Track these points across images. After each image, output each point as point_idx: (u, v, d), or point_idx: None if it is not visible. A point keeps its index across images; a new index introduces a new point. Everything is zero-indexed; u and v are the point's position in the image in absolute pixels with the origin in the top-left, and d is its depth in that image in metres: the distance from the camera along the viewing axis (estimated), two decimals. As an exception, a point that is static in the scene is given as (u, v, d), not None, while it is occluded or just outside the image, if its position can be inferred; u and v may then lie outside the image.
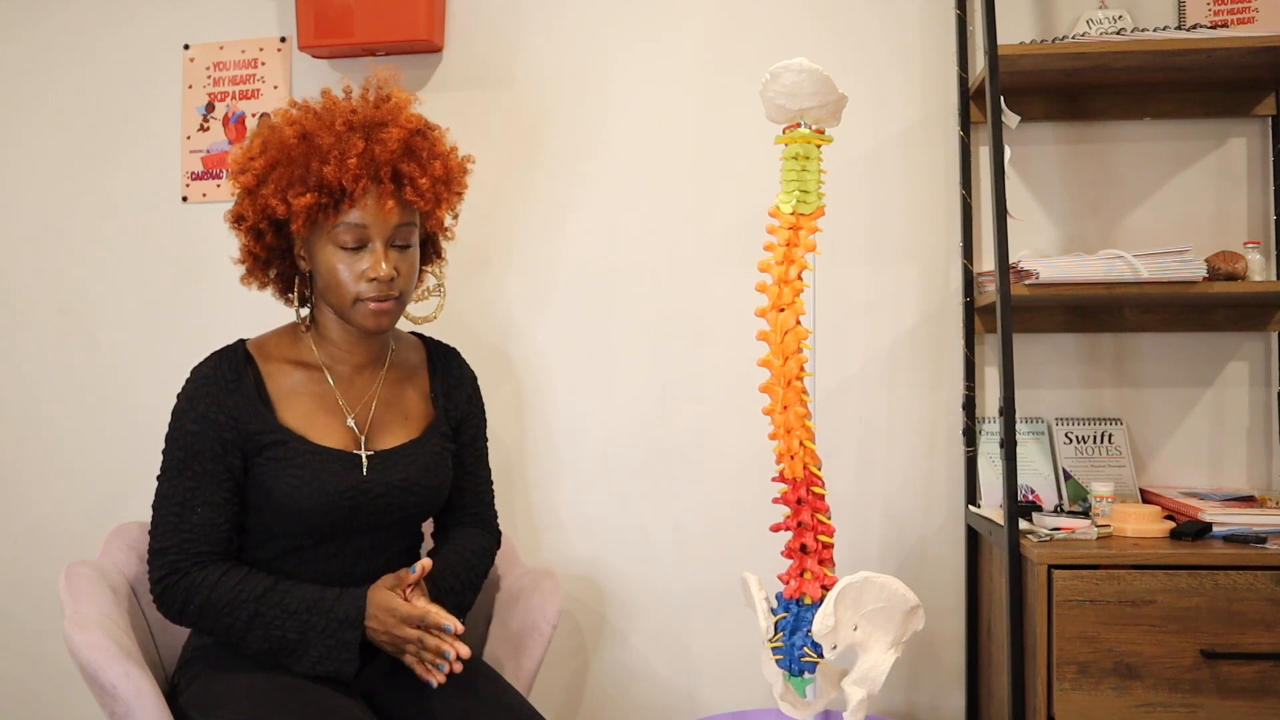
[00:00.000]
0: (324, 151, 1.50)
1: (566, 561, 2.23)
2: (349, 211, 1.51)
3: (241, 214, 1.57)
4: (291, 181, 1.50)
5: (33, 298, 2.39)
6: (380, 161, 1.51)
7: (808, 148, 1.60)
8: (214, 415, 1.52)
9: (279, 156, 1.52)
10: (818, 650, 1.56)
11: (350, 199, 1.51)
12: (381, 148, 1.51)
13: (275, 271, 1.65)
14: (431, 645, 1.48)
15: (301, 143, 1.52)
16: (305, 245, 1.58)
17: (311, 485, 1.52)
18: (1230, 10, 2.05)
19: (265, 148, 1.55)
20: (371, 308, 1.54)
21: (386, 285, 1.53)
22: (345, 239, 1.52)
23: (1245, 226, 2.09)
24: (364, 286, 1.53)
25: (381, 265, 1.52)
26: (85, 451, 2.35)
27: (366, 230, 1.52)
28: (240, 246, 1.62)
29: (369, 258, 1.53)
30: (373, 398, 1.64)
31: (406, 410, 1.66)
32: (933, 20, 2.16)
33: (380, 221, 1.52)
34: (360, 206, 1.51)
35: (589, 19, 2.25)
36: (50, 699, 2.34)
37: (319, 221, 1.53)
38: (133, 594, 1.72)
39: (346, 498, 1.54)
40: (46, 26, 2.39)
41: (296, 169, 1.51)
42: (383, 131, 1.53)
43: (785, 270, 1.59)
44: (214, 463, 1.51)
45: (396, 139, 1.52)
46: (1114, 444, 2.07)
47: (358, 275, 1.53)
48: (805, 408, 1.59)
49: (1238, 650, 1.64)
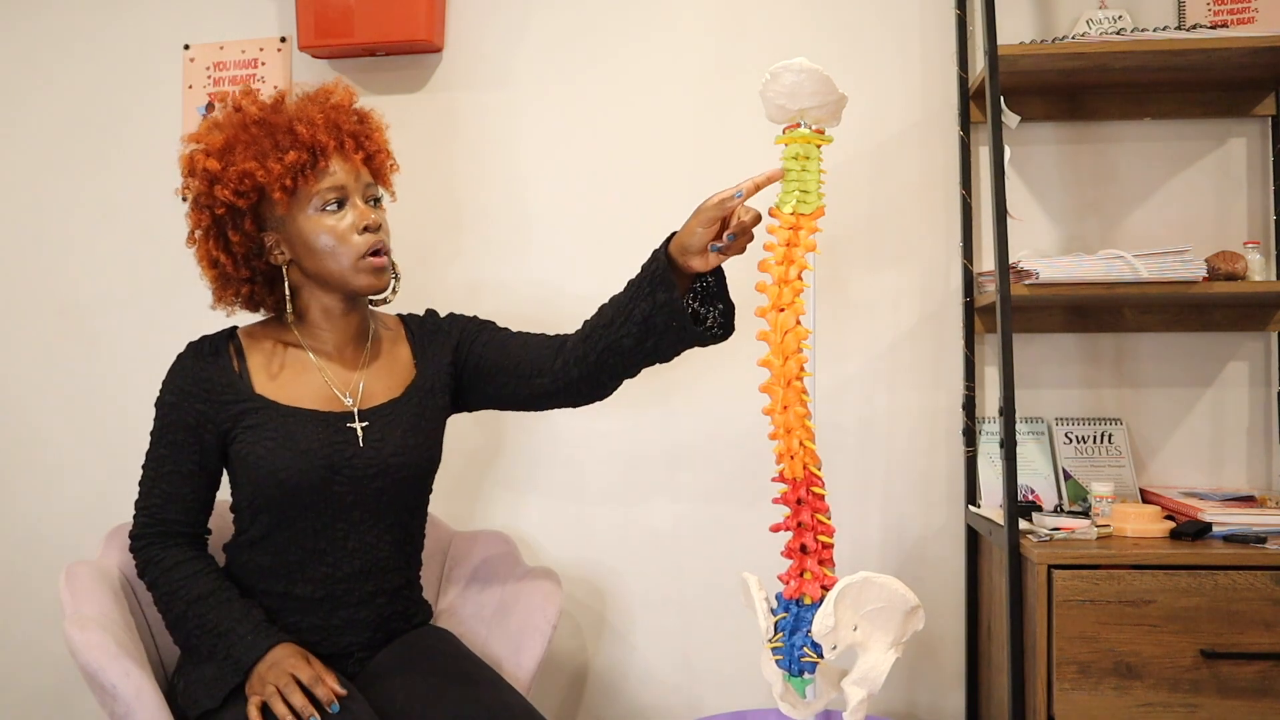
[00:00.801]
0: (285, 122, 1.57)
1: (566, 561, 2.23)
2: (324, 172, 1.57)
3: (211, 201, 1.56)
4: (265, 150, 1.55)
5: (32, 298, 2.39)
6: (341, 125, 1.59)
7: (808, 148, 1.60)
8: (189, 387, 1.59)
9: (239, 134, 1.57)
10: (818, 650, 1.56)
11: (324, 157, 1.57)
12: (337, 114, 1.60)
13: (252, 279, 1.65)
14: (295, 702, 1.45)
15: (259, 120, 1.58)
16: (281, 229, 1.59)
17: (286, 447, 1.55)
18: (1230, 10, 2.05)
19: (216, 128, 1.59)
20: (370, 263, 1.58)
21: (377, 234, 1.59)
22: (327, 199, 1.57)
23: (1245, 226, 2.09)
24: (358, 240, 1.57)
25: (369, 215, 1.59)
26: (85, 451, 2.35)
27: (344, 189, 1.58)
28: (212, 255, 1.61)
29: (353, 212, 1.59)
30: (356, 367, 1.67)
31: (389, 378, 1.69)
32: (933, 20, 2.16)
33: (354, 179, 1.60)
34: (333, 165, 1.58)
35: (588, 19, 2.25)
36: (50, 699, 2.34)
37: (298, 189, 1.56)
38: (133, 594, 1.72)
39: (321, 457, 1.55)
40: (46, 26, 2.39)
41: (265, 139, 1.56)
42: (331, 101, 1.63)
43: (785, 270, 1.59)
44: (186, 433, 1.58)
45: (346, 104, 1.64)
46: (1114, 444, 2.07)
47: (350, 229, 1.57)
48: (805, 408, 1.59)
49: (1237, 650, 1.64)
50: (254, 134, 1.56)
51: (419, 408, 1.67)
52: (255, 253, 1.63)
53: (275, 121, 1.57)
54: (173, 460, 1.58)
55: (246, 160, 1.54)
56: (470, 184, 2.26)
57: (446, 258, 2.27)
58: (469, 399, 1.74)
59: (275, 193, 1.54)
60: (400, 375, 1.70)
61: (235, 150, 1.56)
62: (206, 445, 1.59)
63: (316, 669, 1.49)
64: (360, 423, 1.61)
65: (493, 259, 2.27)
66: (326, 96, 1.64)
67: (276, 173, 1.53)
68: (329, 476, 1.56)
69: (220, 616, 1.53)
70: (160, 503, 1.59)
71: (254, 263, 1.64)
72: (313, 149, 1.56)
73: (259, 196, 1.57)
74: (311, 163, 1.56)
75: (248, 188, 1.55)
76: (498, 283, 2.27)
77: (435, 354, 1.72)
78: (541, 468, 2.25)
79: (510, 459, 2.26)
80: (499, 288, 2.27)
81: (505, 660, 1.75)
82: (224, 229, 1.60)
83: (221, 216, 1.58)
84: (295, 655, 1.50)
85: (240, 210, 1.58)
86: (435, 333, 1.75)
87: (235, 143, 1.56)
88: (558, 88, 2.26)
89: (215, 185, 1.55)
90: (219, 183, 1.55)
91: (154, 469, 1.60)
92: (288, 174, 1.54)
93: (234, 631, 1.51)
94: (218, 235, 1.61)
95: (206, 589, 1.55)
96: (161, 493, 1.59)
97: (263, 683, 1.47)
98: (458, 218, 2.27)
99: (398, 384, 1.68)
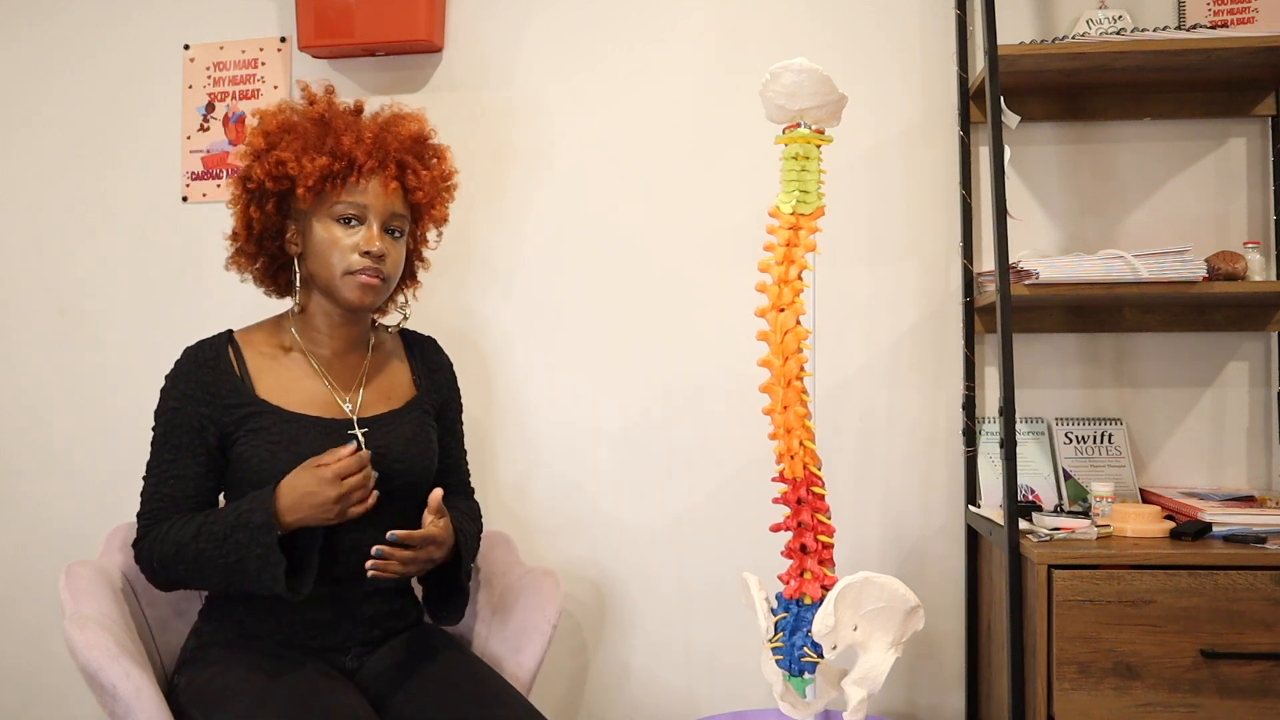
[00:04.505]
0: (340, 129, 1.62)
1: (566, 561, 2.23)
2: (354, 187, 1.60)
3: (248, 174, 1.64)
4: (307, 146, 1.60)
5: (33, 298, 2.39)
6: (389, 149, 1.63)
7: (808, 148, 1.60)
8: (191, 391, 1.59)
9: (297, 123, 1.63)
10: (818, 650, 1.56)
11: (358, 173, 1.60)
12: (392, 138, 1.64)
13: (264, 255, 1.70)
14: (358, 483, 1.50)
15: (320, 118, 1.64)
16: (300, 222, 1.64)
17: (290, 451, 1.55)
18: (1230, 10, 2.05)
19: (281, 111, 1.66)
20: (360, 280, 1.60)
21: (376, 261, 1.60)
22: (344, 213, 1.60)
23: (1245, 226, 2.09)
24: (354, 259, 1.60)
25: (375, 241, 1.60)
26: (85, 451, 2.35)
27: (365, 209, 1.61)
28: (237, 214, 1.67)
29: (363, 233, 1.61)
30: (355, 376, 1.69)
31: (389, 391, 1.71)
32: (933, 20, 2.16)
33: (381, 203, 1.62)
34: (365, 184, 1.61)
35: (588, 19, 2.25)
36: (50, 698, 2.34)
37: (324, 192, 1.60)
38: (133, 594, 1.72)
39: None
40: (46, 26, 2.39)
41: (313, 136, 1.61)
42: (395, 126, 1.67)
43: (785, 270, 1.59)
44: (189, 437, 1.58)
45: (407, 133, 1.67)
46: (1114, 444, 2.07)
47: (351, 248, 1.60)
48: (805, 408, 1.59)
49: (1237, 650, 1.64)
50: (307, 129, 1.62)
51: (418, 422, 1.71)
52: (273, 235, 1.67)
53: (332, 125, 1.62)
54: (177, 464, 1.58)
55: (288, 150, 1.60)
56: (470, 183, 2.26)
57: (446, 257, 2.27)
58: None
59: (301, 188, 1.58)
60: (399, 391, 1.73)
61: (286, 137, 1.61)
62: (210, 447, 1.59)
63: (328, 464, 1.49)
64: (360, 429, 1.62)
65: (492, 259, 2.27)
66: (389, 116, 1.68)
67: (307, 170, 1.58)
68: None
69: (221, 523, 1.51)
70: (164, 506, 1.58)
71: (269, 244, 1.68)
72: (350, 162, 1.59)
73: (290, 185, 1.61)
74: (345, 174, 1.60)
75: (280, 174, 1.60)
76: (497, 282, 2.27)
77: (434, 389, 1.78)
78: (541, 468, 2.25)
79: (510, 459, 2.26)
80: (499, 288, 2.27)
81: (505, 660, 1.75)
82: (251, 201, 1.64)
83: (252, 190, 1.64)
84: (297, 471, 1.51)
85: (269, 192, 1.62)
86: (437, 370, 1.81)
87: (289, 130, 1.62)
88: (557, 88, 2.26)
89: (258, 160, 1.62)
90: (259, 160, 1.62)
91: (158, 474, 1.59)
92: (316, 175, 1.58)
93: (238, 509, 1.51)
94: (245, 205, 1.66)
95: (198, 520, 1.54)
96: (165, 497, 1.58)
97: (312, 500, 1.48)
98: (457, 215, 2.27)
99: (397, 398, 1.72)
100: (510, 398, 2.26)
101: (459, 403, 1.85)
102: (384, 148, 1.62)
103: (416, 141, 1.68)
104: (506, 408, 2.26)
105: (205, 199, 2.33)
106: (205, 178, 2.33)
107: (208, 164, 2.33)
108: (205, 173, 2.33)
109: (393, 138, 1.64)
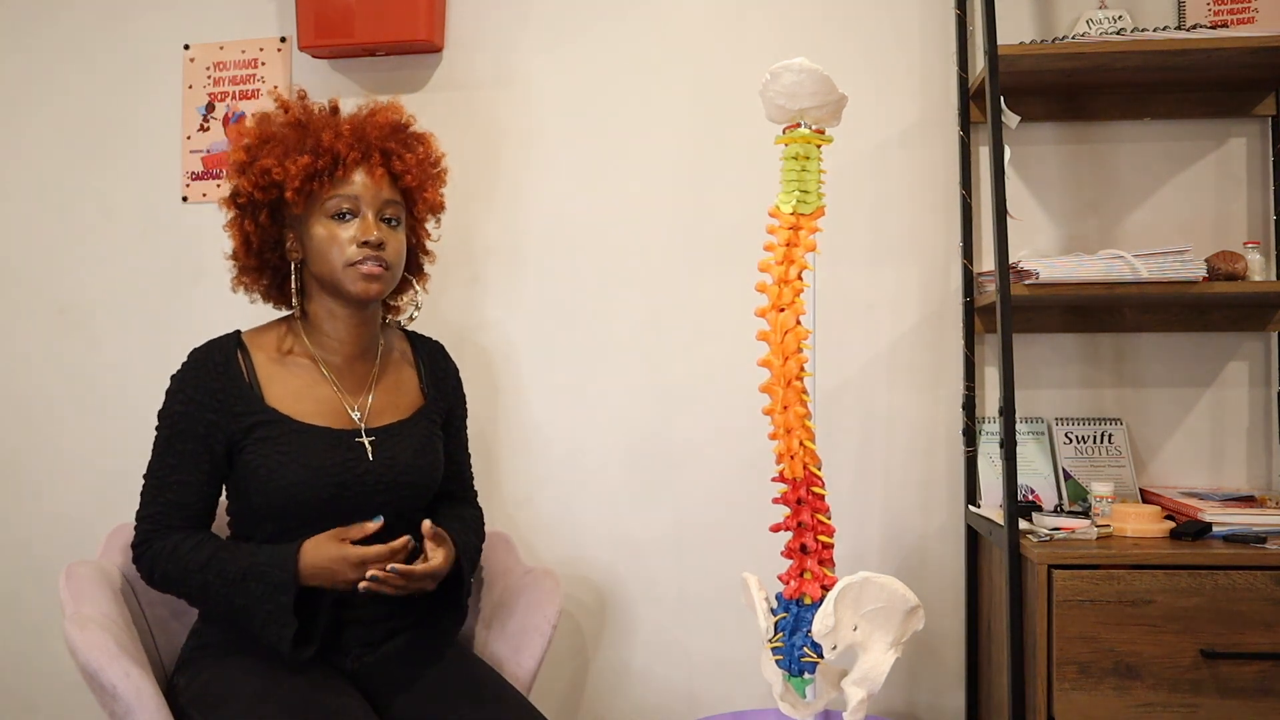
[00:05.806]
0: (318, 127, 1.62)
1: (566, 561, 2.23)
2: (341, 181, 1.60)
3: (237, 190, 1.64)
4: (288, 150, 1.60)
5: (33, 298, 2.39)
6: (370, 139, 1.63)
7: (808, 148, 1.60)
8: (199, 397, 1.57)
9: (275, 131, 1.63)
10: (818, 650, 1.56)
11: (343, 167, 1.60)
12: (372, 128, 1.64)
13: (268, 269, 1.69)
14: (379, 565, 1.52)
15: (297, 122, 1.64)
16: (298, 228, 1.63)
17: (299, 462, 1.55)
18: (1230, 10, 2.05)
19: (259, 123, 1.66)
20: (362, 270, 1.60)
21: (376, 249, 1.60)
22: (337, 208, 1.60)
23: (1245, 226, 2.09)
24: (353, 250, 1.59)
25: (373, 230, 1.60)
26: (85, 451, 2.35)
27: (357, 200, 1.61)
28: (232, 234, 1.67)
29: (359, 225, 1.61)
30: (364, 385, 1.67)
31: (397, 399, 1.70)
32: (933, 20, 2.16)
33: (371, 193, 1.62)
34: (352, 176, 1.61)
35: (588, 18, 2.25)
36: (51, 698, 2.34)
37: (314, 192, 1.60)
38: (133, 594, 1.72)
39: (332, 474, 1.56)
40: (47, 26, 2.39)
41: (292, 140, 1.61)
42: (373, 117, 1.67)
43: (785, 270, 1.59)
44: (195, 443, 1.57)
45: (386, 121, 1.66)
46: (1114, 444, 2.07)
47: (349, 240, 1.59)
48: (805, 408, 1.59)
49: (1237, 650, 1.64)
50: (286, 135, 1.62)
51: (426, 432, 1.70)
52: (273, 246, 1.67)
53: (309, 126, 1.62)
54: (181, 470, 1.57)
55: (270, 157, 1.59)
56: (470, 183, 2.26)
57: (447, 257, 2.27)
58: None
59: (289, 192, 1.58)
60: (408, 399, 1.72)
61: (266, 146, 1.61)
62: (216, 455, 1.57)
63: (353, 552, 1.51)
64: (368, 438, 1.62)
65: (492, 258, 2.27)
66: (367, 111, 1.68)
67: (292, 172, 1.58)
68: (338, 492, 1.56)
69: (236, 564, 1.51)
70: (164, 511, 1.57)
71: (269, 256, 1.67)
72: (333, 157, 1.59)
73: (279, 193, 1.60)
74: (330, 170, 1.59)
75: (266, 183, 1.59)
76: (497, 282, 2.27)
77: (440, 396, 1.77)
78: (541, 468, 2.25)
79: (510, 459, 2.26)
80: (498, 287, 2.27)
81: (505, 660, 1.75)
82: (244, 217, 1.64)
83: (244, 205, 1.64)
84: (326, 544, 1.52)
85: (259, 203, 1.62)
86: (445, 378, 1.80)
87: (268, 139, 1.62)
88: (557, 88, 2.26)
89: (242, 174, 1.62)
90: (245, 173, 1.62)
91: (159, 478, 1.58)
92: (302, 176, 1.58)
93: (255, 563, 1.51)
94: (239, 220, 1.66)
95: (210, 549, 1.54)
96: (166, 501, 1.57)
97: (332, 575, 1.50)
98: (458, 217, 2.27)
99: (405, 407, 1.71)
100: (511, 398, 2.26)
101: (464, 409, 1.85)
102: (364, 138, 1.62)
103: (396, 129, 1.68)
104: (508, 409, 2.26)
105: (205, 199, 2.33)
106: (205, 178, 2.33)
107: (208, 164, 2.33)
108: (205, 173, 2.33)
109: (372, 127, 1.64)
